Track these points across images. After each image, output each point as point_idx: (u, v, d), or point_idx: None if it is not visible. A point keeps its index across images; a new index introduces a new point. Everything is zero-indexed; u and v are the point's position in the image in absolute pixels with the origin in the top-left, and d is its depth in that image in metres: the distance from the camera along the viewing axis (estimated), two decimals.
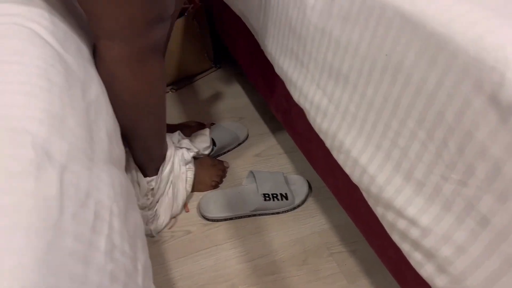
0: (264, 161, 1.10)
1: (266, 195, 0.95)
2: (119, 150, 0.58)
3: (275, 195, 0.95)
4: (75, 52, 0.58)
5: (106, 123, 0.54)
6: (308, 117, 0.75)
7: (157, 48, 0.67)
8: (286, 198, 0.96)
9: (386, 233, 0.63)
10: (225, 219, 0.95)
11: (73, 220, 0.36)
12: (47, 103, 0.43)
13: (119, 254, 0.41)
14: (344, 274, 0.88)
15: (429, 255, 0.52)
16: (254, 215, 0.96)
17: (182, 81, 1.29)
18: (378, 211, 0.62)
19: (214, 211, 0.95)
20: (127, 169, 0.82)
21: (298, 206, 0.99)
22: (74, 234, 0.36)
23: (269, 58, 0.85)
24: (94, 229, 0.38)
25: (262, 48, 0.88)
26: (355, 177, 0.65)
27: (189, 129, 1.07)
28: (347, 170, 0.67)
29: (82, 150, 0.43)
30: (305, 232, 0.95)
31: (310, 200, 1.01)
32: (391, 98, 0.54)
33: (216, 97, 1.27)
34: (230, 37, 1.16)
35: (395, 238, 0.60)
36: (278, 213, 0.97)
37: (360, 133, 0.62)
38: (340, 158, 0.68)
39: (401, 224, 0.56)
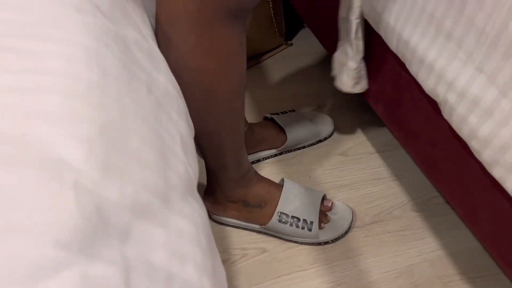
0: (352, 162, 0.88)
1: (284, 215, 0.72)
2: (195, 162, 0.39)
3: (295, 219, 0.72)
4: (137, 26, 0.41)
5: (179, 127, 0.36)
6: (448, 114, 0.52)
7: (240, 14, 0.48)
8: (309, 230, 0.72)
9: None
10: None
11: None
12: (100, 111, 0.26)
13: None
14: None
15: None
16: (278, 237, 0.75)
17: (248, 61, 1.09)
18: None
19: None
20: None
21: (324, 243, 0.74)
22: None
23: (381, 32, 0.62)
24: None
25: (366, 16, 0.66)
26: None
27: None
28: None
29: (153, 191, 0.26)
30: (412, 259, 0.73)
31: (415, 217, 0.79)
32: None
33: (289, 80, 1.06)
34: (307, 5, 0.94)
35: None
36: (292, 241, 0.74)
37: None
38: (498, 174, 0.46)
39: None
